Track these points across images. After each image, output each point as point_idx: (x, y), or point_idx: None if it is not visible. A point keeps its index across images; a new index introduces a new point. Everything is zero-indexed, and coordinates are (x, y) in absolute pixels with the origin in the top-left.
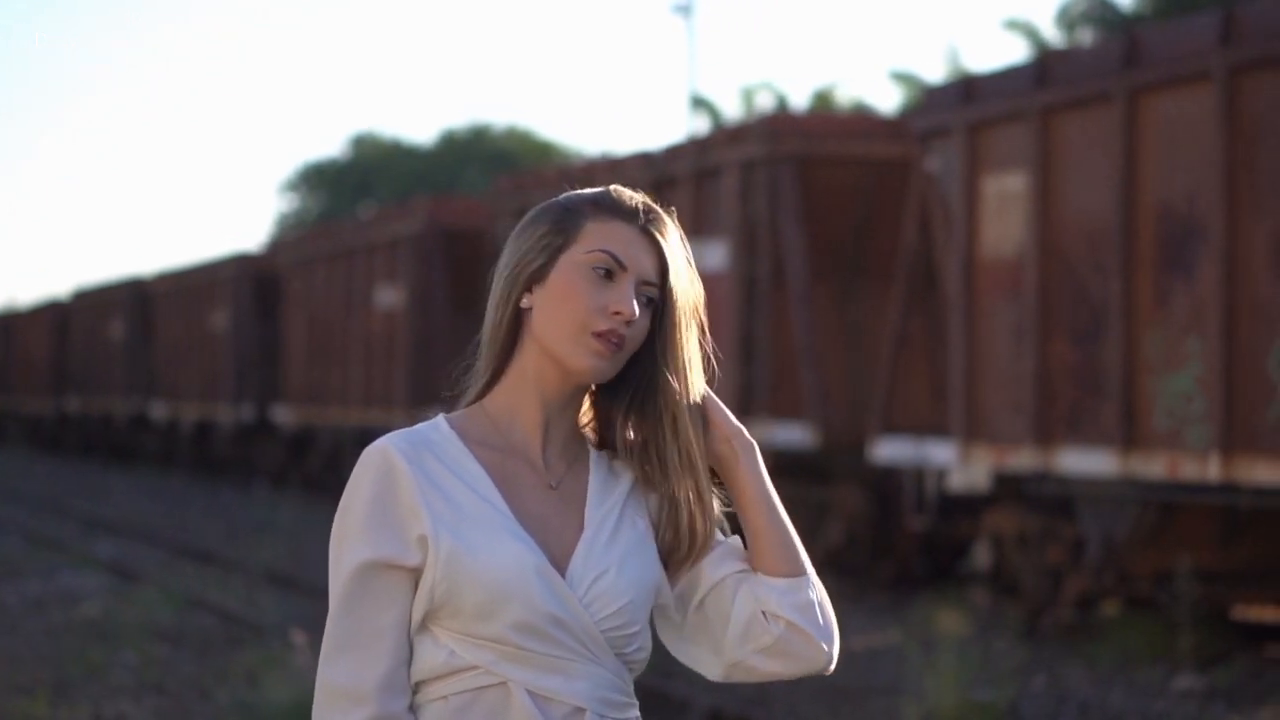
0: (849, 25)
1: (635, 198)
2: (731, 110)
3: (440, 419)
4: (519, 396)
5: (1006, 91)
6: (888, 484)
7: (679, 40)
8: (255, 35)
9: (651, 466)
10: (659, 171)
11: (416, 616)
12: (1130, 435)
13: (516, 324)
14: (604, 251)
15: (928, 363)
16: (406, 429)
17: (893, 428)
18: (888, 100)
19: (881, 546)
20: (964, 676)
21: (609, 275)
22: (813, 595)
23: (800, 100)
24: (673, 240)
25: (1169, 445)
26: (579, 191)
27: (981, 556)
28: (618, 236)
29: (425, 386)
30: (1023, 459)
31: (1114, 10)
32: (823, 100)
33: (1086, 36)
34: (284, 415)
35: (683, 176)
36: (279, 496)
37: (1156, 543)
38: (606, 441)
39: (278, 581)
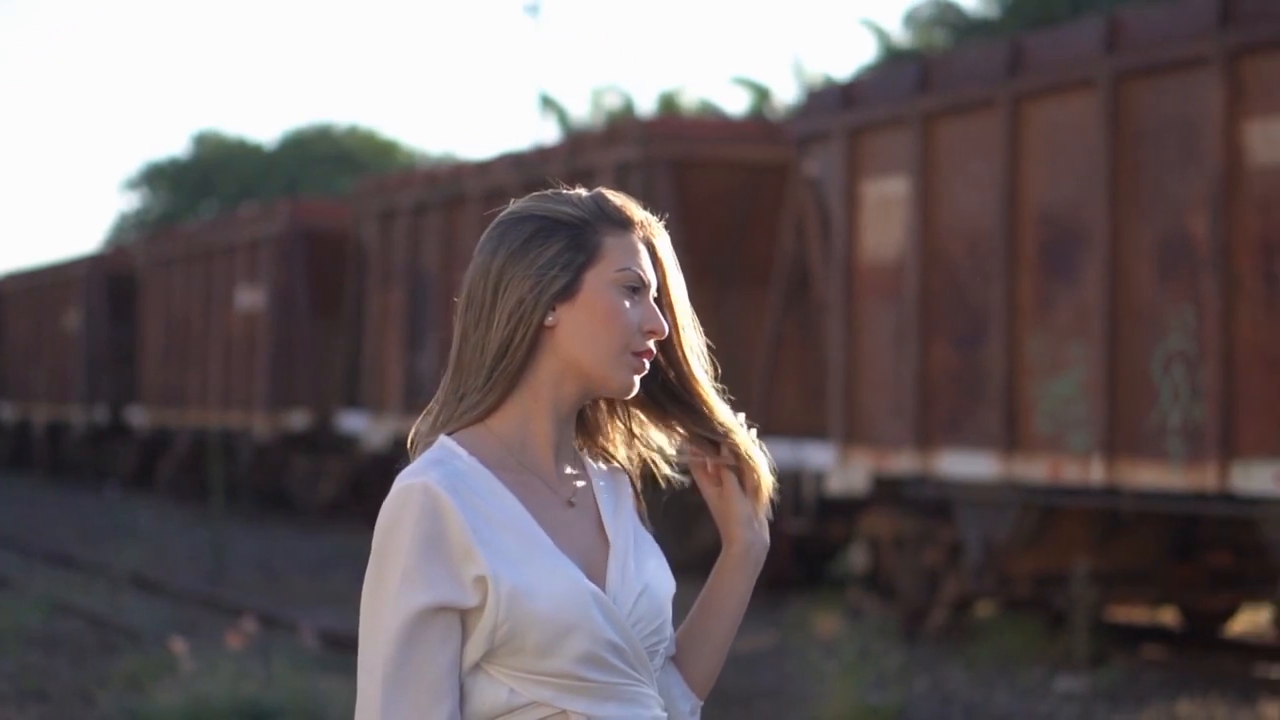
0: (692, 29)
1: (630, 206)
2: (579, 111)
3: (452, 444)
4: (531, 414)
5: (888, 96)
6: None
7: (527, 41)
8: (96, 32)
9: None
10: (529, 173)
11: (473, 658)
12: (1012, 439)
13: (536, 342)
14: (632, 270)
15: (802, 366)
16: (430, 458)
17: (769, 431)
18: (733, 105)
19: None
20: (849, 679)
21: (634, 291)
22: None
23: (647, 102)
24: (667, 247)
25: (1051, 448)
26: (563, 198)
27: (857, 559)
28: (633, 251)
29: (286, 388)
30: (903, 462)
31: (960, 14)
32: (668, 103)
33: (938, 38)
34: (139, 417)
35: (556, 179)
36: (135, 499)
37: (1036, 545)
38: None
39: (144, 586)
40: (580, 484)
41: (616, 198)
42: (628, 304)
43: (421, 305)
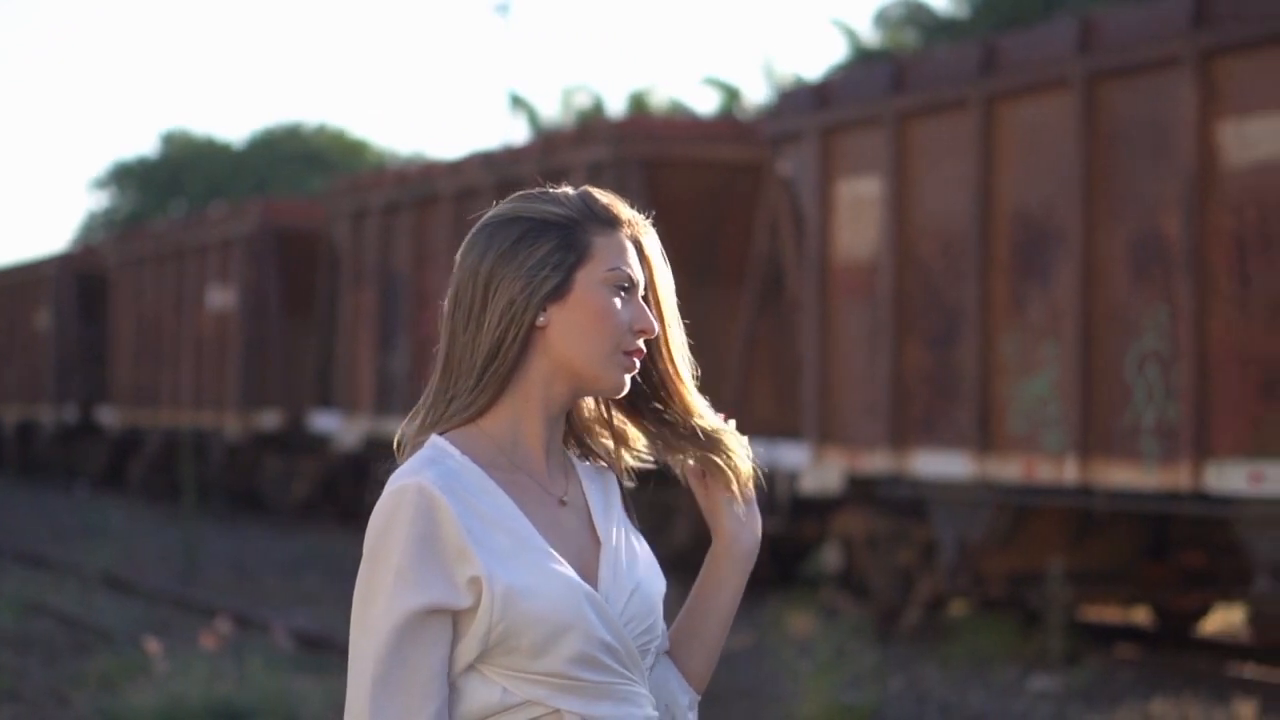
0: (662, 29)
1: (619, 205)
2: (550, 111)
3: (445, 444)
4: (522, 414)
5: (861, 96)
6: None
7: (497, 40)
8: (65, 30)
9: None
10: (502, 173)
11: (467, 659)
12: (986, 438)
13: (527, 343)
14: (622, 270)
15: (775, 366)
16: (423, 458)
17: (743, 430)
18: (703, 105)
19: None
20: (824, 679)
21: (624, 290)
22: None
23: (617, 102)
24: (655, 245)
25: (1025, 448)
26: (550, 197)
27: (831, 558)
28: (622, 250)
29: (258, 388)
30: (877, 461)
31: (930, 14)
32: (638, 103)
33: (908, 38)
34: (110, 417)
35: (528, 179)
36: (106, 499)
37: (1010, 545)
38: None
39: (115, 586)
40: (569, 481)
41: (603, 196)
42: (618, 303)
43: (393, 305)
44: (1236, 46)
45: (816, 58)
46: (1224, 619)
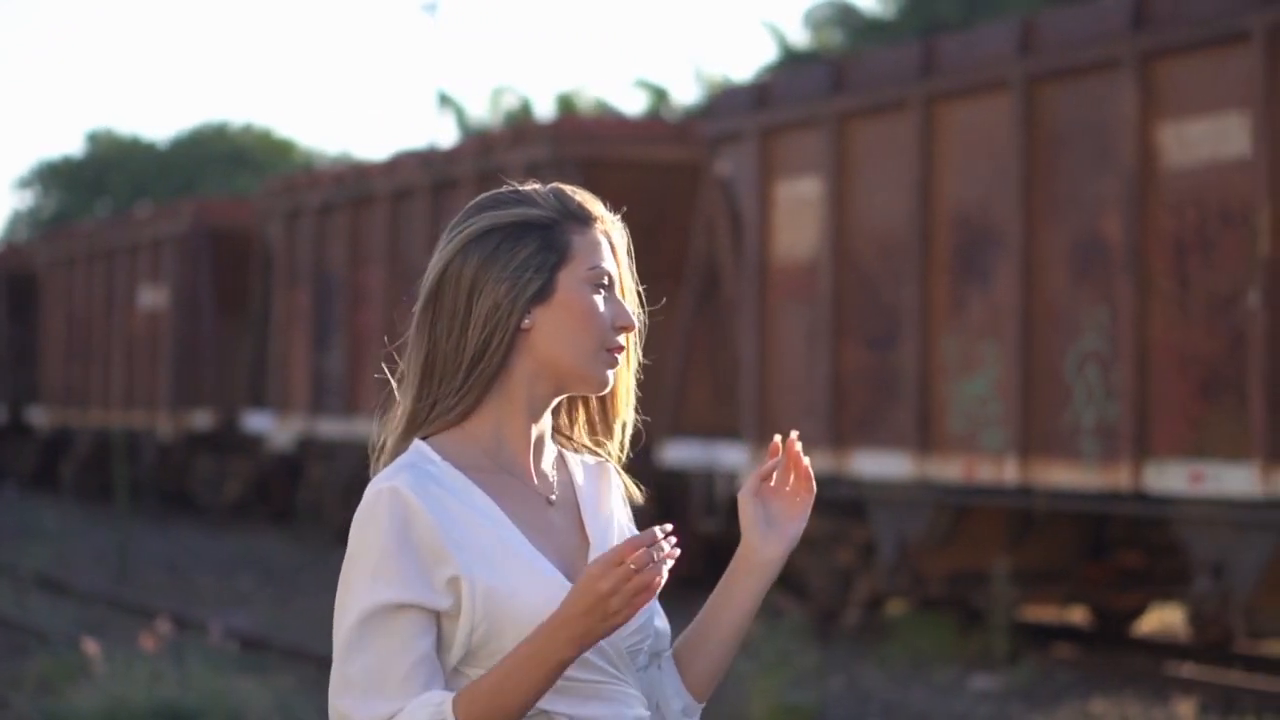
0: (590, 31)
1: (591, 201)
2: (478, 111)
3: (425, 447)
4: (506, 416)
5: (801, 97)
6: (673, 486)
7: (425, 40)
8: None
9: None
10: (439, 173)
11: (451, 663)
12: (925, 438)
13: (511, 345)
14: (602, 268)
15: (712, 366)
16: (401, 463)
17: (681, 430)
18: (631, 106)
19: None
20: (768, 679)
21: (604, 288)
22: None
23: (545, 104)
24: (623, 240)
25: (965, 448)
26: (525, 197)
27: None
28: (598, 247)
29: (190, 388)
30: (816, 462)
31: (858, 15)
32: (566, 103)
33: (835, 39)
34: (40, 417)
35: (465, 179)
36: (37, 499)
37: (950, 544)
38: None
39: (49, 587)
40: (558, 479)
41: (576, 193)
42: (600, 301)
43: (328, 305)
44: (1176, 49)
45: (746, 59)
46: (1159, 618)
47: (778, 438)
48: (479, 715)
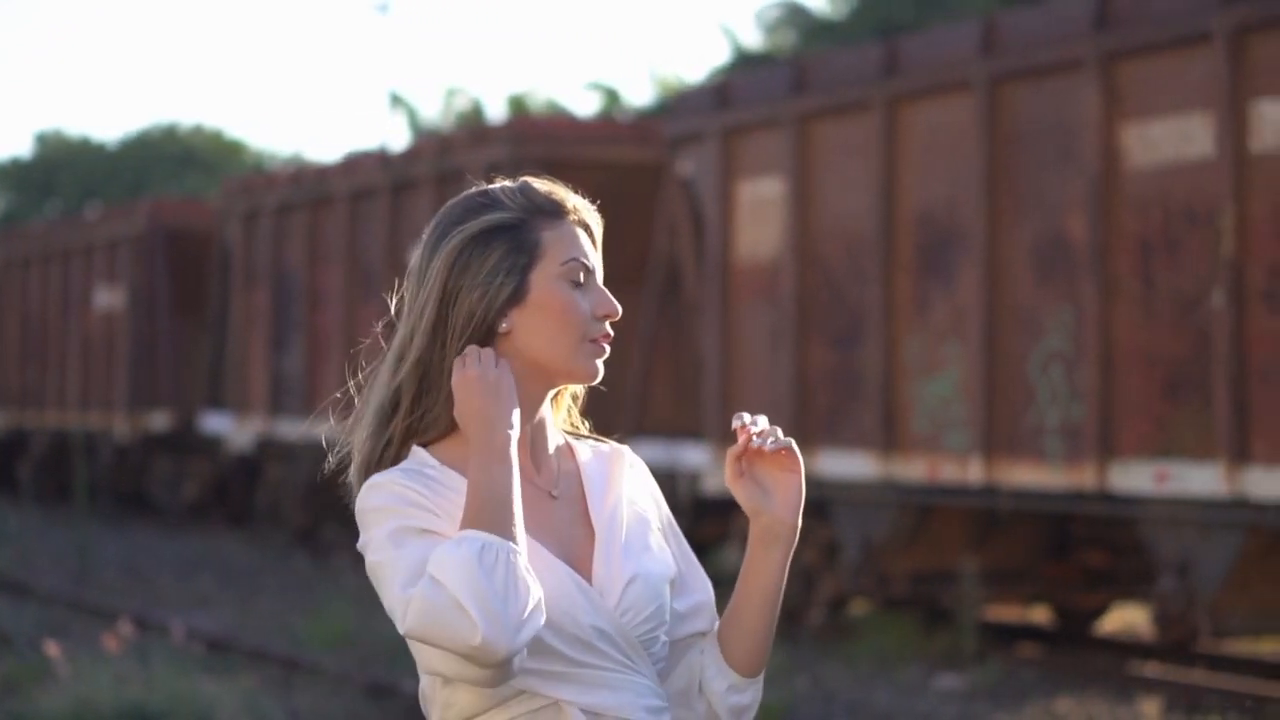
0: (543, 32)
1: (561, 192)
2: (430, 111)
3: (424, 454)
4: None
5: (763, 97)
6: None
7: (377, 40)
8: None
9: None
10: (398, 173)
11: None
12: (889, 438)
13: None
14: (576, 261)
15: (674, 366)
16: (400, 467)
17: (643, 430)
18: (584, 108)
19: None
20: None
21: (582, 279)
22: (752, 699)
23: (497, 105)
24: (597, 224)
25: (929, 448)
26: (492, 198)
27: (734, 559)
28: (573, 239)
29: (147, 389)
30: None
31: (808, 16)
32: (518, 105)
33: (786, 40)
34: None
35: (424, 179)
36: None
37: (914, 544)
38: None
39: (9, 588)
40: (563, 471)
41: (543, 185)
42: (578, 295)
43: (287, 305)
44: (1139, 49)
45: (699, 60)
46: (1121, 618)
47: (735, 421)
48: (484, 522)
